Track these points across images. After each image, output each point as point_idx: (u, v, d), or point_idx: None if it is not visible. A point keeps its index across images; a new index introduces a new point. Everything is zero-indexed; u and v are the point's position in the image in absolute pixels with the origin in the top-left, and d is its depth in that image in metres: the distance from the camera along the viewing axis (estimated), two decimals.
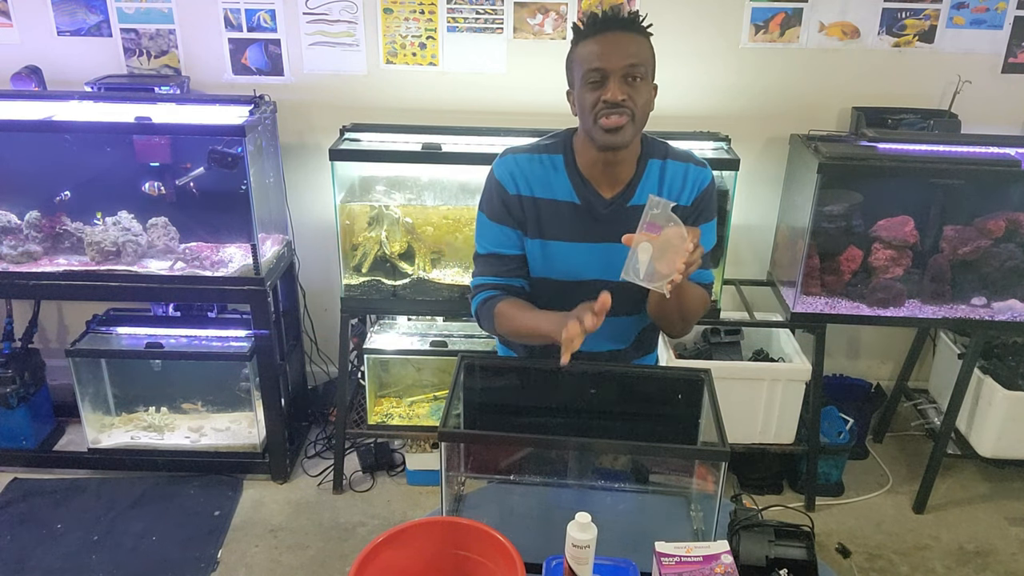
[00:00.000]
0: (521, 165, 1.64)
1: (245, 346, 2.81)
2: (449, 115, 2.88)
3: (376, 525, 2.71)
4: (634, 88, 1.50)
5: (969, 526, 2.77)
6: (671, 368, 2.42)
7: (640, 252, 1.39)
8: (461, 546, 1.34)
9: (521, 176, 1.63)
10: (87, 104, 2.67)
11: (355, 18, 2.82)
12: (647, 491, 1.70)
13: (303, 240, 3.06)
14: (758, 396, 2.68)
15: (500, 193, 1.64)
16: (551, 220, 1.63)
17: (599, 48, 1.49)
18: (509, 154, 1.66)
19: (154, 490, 2.83)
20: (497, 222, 1.66)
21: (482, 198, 1.69)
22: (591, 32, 1.51)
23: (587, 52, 1.51)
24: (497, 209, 1.65)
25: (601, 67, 1.48)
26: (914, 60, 2.84)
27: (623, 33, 1.50)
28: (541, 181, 1.63)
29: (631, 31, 1.51)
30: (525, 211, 1.64)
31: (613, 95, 1.47)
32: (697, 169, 1.66)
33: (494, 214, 1.66)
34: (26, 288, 2.69)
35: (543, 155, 1.64)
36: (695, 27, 2.80)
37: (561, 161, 1.63)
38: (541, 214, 1.63)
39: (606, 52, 1.48)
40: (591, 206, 1.61)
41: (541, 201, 1.63)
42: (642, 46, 1.52)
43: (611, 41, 1.49)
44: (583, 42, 1.52)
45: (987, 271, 2.65)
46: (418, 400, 2.98)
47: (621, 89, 1.48)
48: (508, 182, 1.63)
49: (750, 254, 3.09)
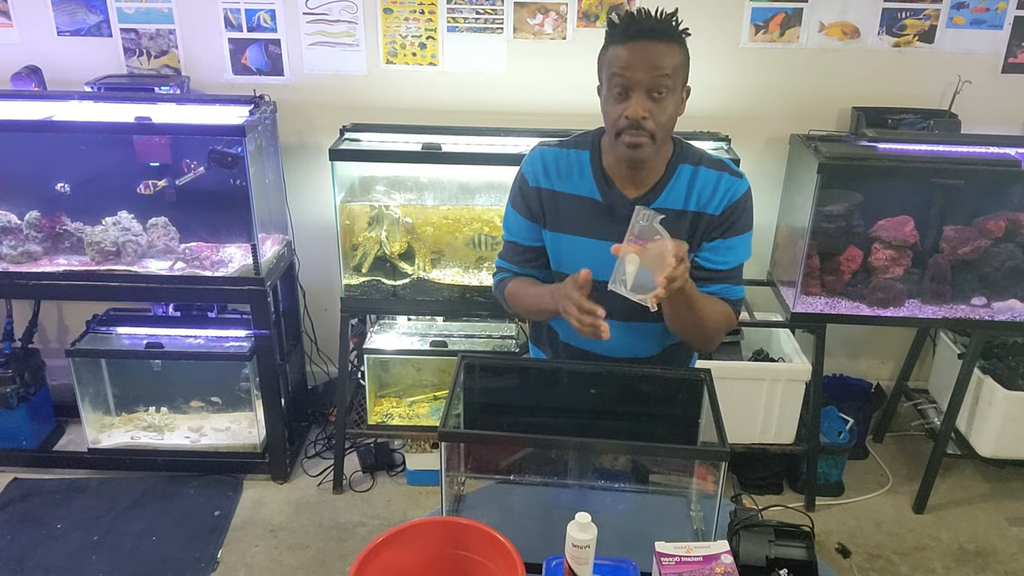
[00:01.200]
0: (547, 159, 1.64)
1: (245, 346, 2.81)
2: (449, 115, 2.88)
3: (376, 525, 2.71)
4: (658, 104, 1.45)
5: (969, 526, 2.77)
6: (671, 368, 2.42)
7: (627, 263, 1.38)
8: (461, 546, 1.34)
9: (543, 170, 1.64)
10: (87, 104, 2.67)
11: (355, 18, 2.82)
12: (647, 491, 1.70)
13: (303, 240, 3.06)
14: (758, 396, 2.68)
15: (522, 185, 1.66)
16: (570, 215, 1.63)
17: (626, 57, 1.44)
18: (539, 148, 1.67)
19: (154, 490, 2.83)
20: (517, 212, 1.69)
21: (511, 188, 1.71)
22: (622, 38, 1.45)
23: (615, 57, 1.46)
24: (517, 200, 1.68)
25: (626, 76, 1.44)
26: (914, 60, 2.84)
27: (654, 43, 1.44)
28: (565, 175, 1.63)
29: (663, 40, 1.45)
30: (543, 204, 1.64)
31: (634, 112, 1.44)
32: (731, 179, 1.62)
33: (515, 204, 1.69)
34: (26, 288, 2.69)
35: (571, 150, 1.64)
36: (695, 27, 2.74)
37: (587, 157, 1.62)
38: (560, 207, 1.63)
39: (633, 63, 1.43)
40: (613, 205, 1.60)
41: (561, 195, 1.63)
42: (673, 54, 1.46)
43: (640, 51, 1.43)
44: (613, 45, 1.47)
45: (987, 271, 2.65)
46: (418, 400, 2.98)
47: (643, 105, 1.44)
48: (530, 175, 1.65)
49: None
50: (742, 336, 2.85)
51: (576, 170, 1.62)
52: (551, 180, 1.63)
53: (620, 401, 1.70)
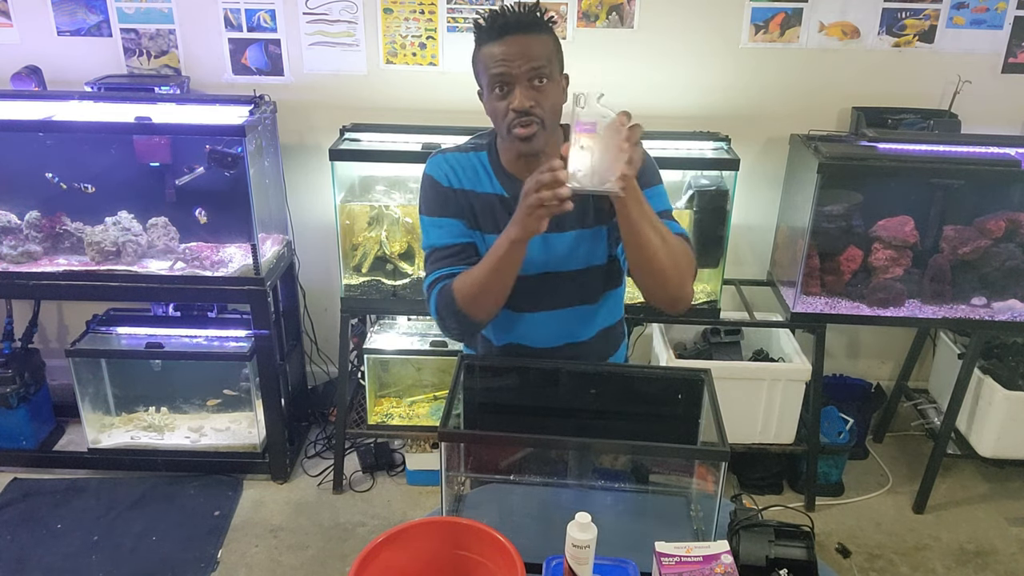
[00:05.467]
0: (450, 161, 1.65)
1: (245, 346, 2.81)
2: (449, 115, 2.88)
3: (376, 525, 2.71)
4: (540, 91, 1.47)
5: (969, 526, 2.77)
6: (671, 368, 2.42)
7: (574, 158, 1.30)
8: (461, 546, 1.34)
9: (451, 171, 1.64)
10: (87, 104, 2.67)
11: (355, 18, 2.82)
12: (647, 491, 1.70)
13: (303, 240, 3.06)
14: (758, 396, 2.68)
15: (435, 188, 1.64)
16: (484, 213, 1.64)
17: (501, 53, 1.46)
18: (438, 154, 1.68)
19: (154, 490, 2.83)
20: (439, 216, 1.64)
21: (420, 201, 1.67)
22: (492, 36, 1.48)
23: (489, 56, 1.48)
24: (436, 205, 1.64)
25: (505, 72, 1.46)
26: (914, 60, 2.83)
27: (524, 36, 1.46)
28: (470, 176, 1.64)
29: (532, 32, 1.48)
30: (460, 203, 1.64)
31: (520, 103, 1.46)
32: None
33: (434, 210, 1.64)
34: (26, 288, 2.69)
35: (469, 153, 1.66)
36: (695, 27, 2.80)
37: (486, 157, 1.64)
38: (475, 207, 1.64)
39: (508, 57, 1.45)
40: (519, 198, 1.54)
41: (472, 194, 1.63)
42: (544, 43, 1.49)
43: (512, 45, 1.46)
44: (485, 45, 1.49)
45: (987, 271, 2.65)
46: (418, 400, 2.98)
47: (527, 95, 1.46)
48: (442, 177, 1.64)
49: (750, 254, 3.09)
50: (742, 336, 2.84)
51: (480, 170, 1.64)
52: (461, 181, 1.64)
53: (620, 401, 1.70)
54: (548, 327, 1.70)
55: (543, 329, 1.71)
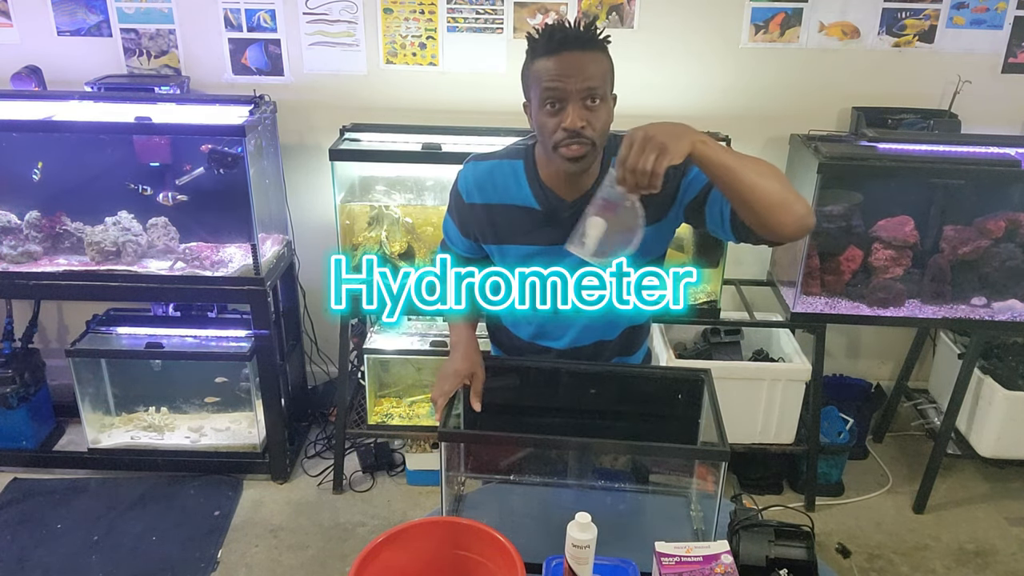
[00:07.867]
0: (479, 173, 1.64)
1: (245, 346, 2.81)
2: (449, 115, 2.88)
3: (376, 525, 2.71)
4: (593, 112, 1.44)
5: (969, 526, 2.77)
6: (671, 368, 2.42)
7: (590, 227, 1.32)
8: (461, 546, 1.34)
9: (477, 185, 1.64)
10: (87, 104, 2.67)
11: (355, 18, 2.82)
12: (647, 491, 1.70)
13: (303, 240, 3.06)
14: (758, 396, 2.68)
15: (457, 200, 1.69)
16: (508, 225, 1.63)
17: (556, 68, 1.42)
18: (471, 162, 1.67)
19: (154, 490, 2.83)
20: (455, 225, 1.73)
21: (449, 195, 1.73)
22: (548, 50, 1.43)
23: (543, 70, 1.43)
24: (455, 213, 1.72)
25: (559, 88, 1.42)
26: (914, 60, 2.84)
27: (581, 52, 1.42)
28: (502, 187, 1.62)
29: (589, 49, 1.44)
30: (476, 219, 1.66)
31: (572, 123, 1.42)
32: None
33: (453, 216, 1.73)
34: (26, 288, 2.69)
35: (504, 161, 1.64)
36: (695, 27, 2.80)
37: (521, 167, 1.62)
38: (496, 220, 1.63)
39: (564, 73, 1.41)
40: (553, 210, 1.59)
41: (497, 207, 1.63)
42: (601, 63, 1.45)
43: (568, 61, 1.41)
44: (540, 59, 1.45)
45: (987, 271, 2.65)
46: (418, 400, 2.98)
47: (580, 115, 1.42)
48: (464, 191, 1.66)
49: (750, 254, 3.08)
50: (742, 336, 2.85)
51: (512, 180, 1.62)
52: (485, 194, 1.63)
53: (620, 401, 1.70)
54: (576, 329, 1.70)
55: (572, 331, 1.71)
